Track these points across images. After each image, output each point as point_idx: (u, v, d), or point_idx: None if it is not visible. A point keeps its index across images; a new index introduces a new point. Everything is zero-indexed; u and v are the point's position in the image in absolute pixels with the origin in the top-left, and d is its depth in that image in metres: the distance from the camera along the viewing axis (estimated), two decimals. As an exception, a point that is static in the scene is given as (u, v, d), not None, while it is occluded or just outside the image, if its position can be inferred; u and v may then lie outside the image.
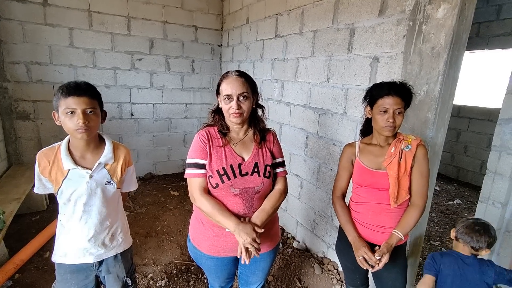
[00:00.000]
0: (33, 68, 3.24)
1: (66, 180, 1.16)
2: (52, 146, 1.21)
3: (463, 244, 1.29)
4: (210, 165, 1.21)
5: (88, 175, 1.18)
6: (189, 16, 3.96)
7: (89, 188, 1.18)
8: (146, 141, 4.06)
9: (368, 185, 1.33)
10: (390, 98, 1.22)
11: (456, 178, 4.94)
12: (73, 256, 1.23)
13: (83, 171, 1.17)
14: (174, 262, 2.37)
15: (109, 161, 1.23)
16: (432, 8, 1.51)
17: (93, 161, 1.20)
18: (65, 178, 1.16)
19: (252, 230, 1.13)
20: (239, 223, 1.14)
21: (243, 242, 1.11)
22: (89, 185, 1.18)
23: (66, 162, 1.15)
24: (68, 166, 1.15)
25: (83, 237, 1.22)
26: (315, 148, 2.48)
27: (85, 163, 1.19)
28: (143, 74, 3.83)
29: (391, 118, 1.22)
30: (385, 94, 1.23)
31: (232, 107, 1.18)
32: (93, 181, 1.19)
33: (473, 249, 1.27)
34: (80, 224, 1.21)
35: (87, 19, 3.38)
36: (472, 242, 1.26)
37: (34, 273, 2.14)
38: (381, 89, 1.26)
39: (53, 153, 1.18)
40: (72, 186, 1.17)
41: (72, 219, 1.21)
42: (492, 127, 2.21)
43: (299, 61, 2.59)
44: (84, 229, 1.22)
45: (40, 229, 2.55)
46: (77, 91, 1.08)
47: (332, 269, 2.34)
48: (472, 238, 1.26)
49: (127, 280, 1.36)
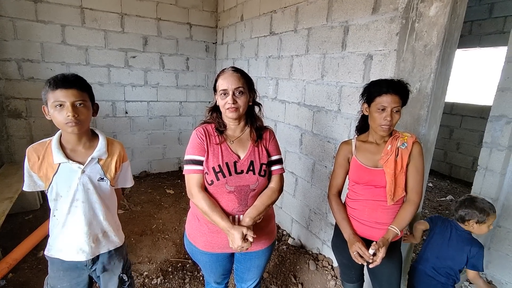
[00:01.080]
0: (24, 66, 3.20)
1: (56, 175, 1.13)
2: (42, 141, 1.17)
3: (472, 222, 1.45)
4: (206, 162, 1.22)
5: (80, 170, 1.14)
6: (184, 13, 3.94)
7: (81, 184, 1.15)
8: (140, 139, 4.04)
9: (365, 183, 1.35)
10: (389, 96, 1.22)
11: (448, 175, 5.01)
12: (65, 252, 1.21)
13: (75, 166, 1.14)
14: (169, 260, 2.37)
15: (102, 156, 1.20)
16: (425, 6, 1.53)
17: (86, 155, 1.17)
18: (56, 173, 1.13)
19: (240, 237, 1.13)
20: (231, 228, 1.15)
21: (233, 246, 1.16)
22: (81, 181, 1.15)
23: (57, 156, 1.12)
24: (59, 160, 1.12)
25: (75, 234, 1.19)
26: (310, 146, 2.49)
27: (76, 157, 1.16)
28: (137, 72, 3.80)
29: (389, 116, 1.22)
30: (383, 92, 1.23)
31: (228, 102, 1.19)
32: (85, 176, 1.16)
33: (479, 222, 1.44)
34: (72, 220, 1.18)
35: (79, 15, 3.34)
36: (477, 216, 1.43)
37: (28, 272, 2.12)
38: (379, 87, 1.26)
39: (44, 148, 1.14)
40: (63, 181, 1.14)
41: (64, 215, 1.18)
42: (484, 124, 2.25)
43: (293, 59, 2.60)
44: (76, 225, 1.19)
45: (34, 228, 2.52)
46: (65, 84, 1.05)
47: (327, 265, 2.36)
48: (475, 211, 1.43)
49: (123, 276, 1.36)
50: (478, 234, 1.49)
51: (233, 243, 1.15)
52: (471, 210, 1.44)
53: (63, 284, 1.25)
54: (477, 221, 1.43)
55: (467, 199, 1.49)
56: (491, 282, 2.28)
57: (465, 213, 1.45)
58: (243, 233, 1.14)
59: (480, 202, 1.45)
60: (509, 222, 2.17)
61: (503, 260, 2.22)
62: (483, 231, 1.45)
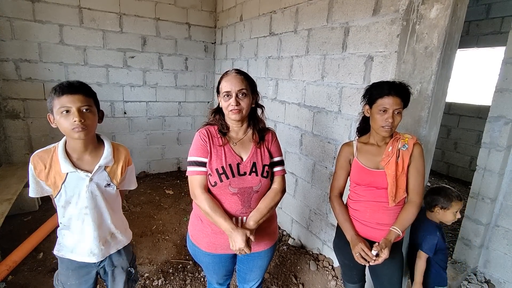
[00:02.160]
0: (22, 66, 3.17)
1: (65, 183, 1.14)
2: (47, 148, 1.17)
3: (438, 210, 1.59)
4: (210, 164, 1.23)
5: (88, 178, 1.16)
6: (182, 13, 3.92)
7: (89, 191, 1.17)
8: (139, 140, 4.02)
9: (366, 184, 1.35)
10: (390, 98, 1.23)
11: (446, 174, 5.04)
12: (78, 254, 1.25)
13: (82, 174, 1.15)
14: (170, 261, 2.37)
15: (109, 163, 1.21)
16: (425, 8, 1.54)
17: (92, 163, 1.18)
18: (64, 181, 1.14)
19: (242, 240, 1.14)
20: (234, 229, 1.16)
21: (233, 248, 1.16)
22: (89, 188, 1.17)
23: (65, 165, 1.12)
24: (67, 170, 1.13)
25: (86, 239, 1.22)
26: (310, 146, 2.50)
27: (83, 165, 1.17)
28: (135, 72, 3.79)
29: (391, 118, 1.23)
30: (385, 94, 1.24)
31: (231, 104, 1.20)
32: (93, 184, 1.18)
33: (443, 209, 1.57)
34: (82, 226, 1.21)
35: (77, 15, 3.32)
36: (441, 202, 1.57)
37: (27, 275, 2.11)
38: (381, 89, 1.27)
39: (49, 156, 1.14)
40: (72, 189, 1.16)
41: (73, 221, 1.20)
42: (481, 124, 2.27)
43: (293, 59, 2.60)
44: (86, 231, 1.22)
45: (33, 229, 2.51)
46: (70, 89, 1.06)
47: (328, 265, 2.37)
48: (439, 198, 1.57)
49: (130, 269, 1.41)
50: (446, 222, 1.61)
51: (234, 245, 1.15)
52: (436, 196, 1.59)
53: (72, 282, 1.29)
54: (441, 207, 1.57)
55: (436, 187, 1.65)
56: (489, 281, 2.30)
57: (431, 199, 1.61)
58: (246, 236, 1.15)
59: (447, 190, 1.60)
60: (507, 222, 2.20)
61: (501, 260, 2.24)
62: (449, 218, 1.58)
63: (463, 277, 2.32)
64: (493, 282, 2.30)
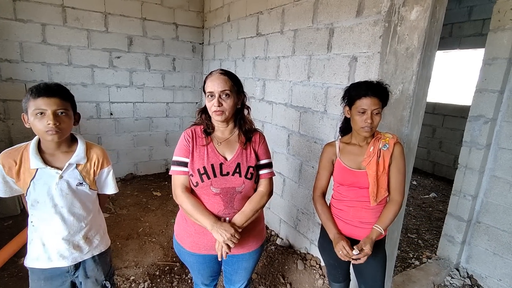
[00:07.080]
0: (2, 66, 3.08)
1: (34, 180, 1.11)
2: (17, 146, 1.15)
3: None
4: (192, 164, 1.22)
5: (58, 176, 1.13)
6: (169, 13, 3.89)
7: (59, 189, 1.14)
8: (126, 141, 3.96)
9: (349, 184, 1.37)
10: (368, 99, 1.24)
11: (432, 173, 5.16)
12: (46, 259, 1.18)
13: (52, 171, 1.13)
14: (156, 263, 2.34)
15: (80, 161, 1.18)
16: (406, 10, 1.57)
17: (64, 160, 1.15)
18: (33, 178, 1.11)
19: (230, 226, 1.15)
20: (216, 222, 1.16)
21: (223, 239, 1.13)
22: (59, 186, 1.14)
23: (34, 161, 1.10)
24: (36, 165, 1.11)
25: (55, 240, 1.17)
26: (297, 146, 2.51)
27: (55, 162, 1.15)
28: (122, 72, 3.73)
29: (369, 119, 1.24)
30: (362, 95, 1.25)
31: (214, 105, 1.19)
32: (63, 182, 1.15)
33: None
34: (51, 226, 1.16)
35: (60, 14, 3.25)
36: None
37: (8, 281, 2.05)
38: (359, 90, 1.28)
39: (19, 153, 1.13)
40: (41, 187, 1.12)
41: (42, 221, 1.16)
42: (465, 124, 2.33)
43: (280, 60, 2.61)
44: (56, 231, 1.17)
45: (14, 234, 2.43)
46: (47, 92, 1.05)
47: (315, 264, 2.39)
48: None
49: (105, 283, 1.33)
50: None
51: (224, 235, 1.12)
52: None
53: None
54: None
55: None
56: (471, 277, 2.36)
57: None
58: (232, 229, 1.15)
59: None
60: (488, 218, 2.26)
61: (483, 255, 2.30)
62: None
63: (447, 273, 2.37)
64: (475, 277, 2.36)
